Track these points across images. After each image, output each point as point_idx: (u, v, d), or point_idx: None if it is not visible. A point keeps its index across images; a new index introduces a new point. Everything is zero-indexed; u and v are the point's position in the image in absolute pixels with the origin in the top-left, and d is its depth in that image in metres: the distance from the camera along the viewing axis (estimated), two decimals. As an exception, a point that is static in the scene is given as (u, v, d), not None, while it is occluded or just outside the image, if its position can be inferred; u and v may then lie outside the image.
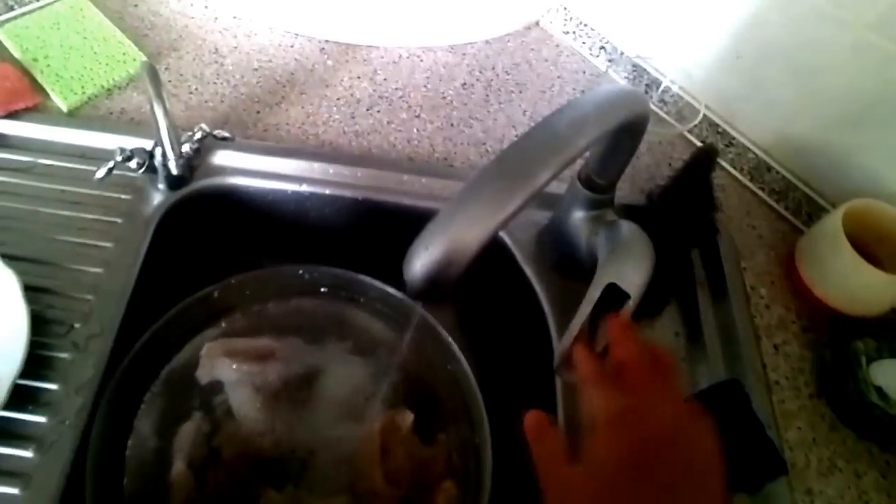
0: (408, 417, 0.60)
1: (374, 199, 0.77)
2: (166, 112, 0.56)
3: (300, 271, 0.71)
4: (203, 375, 0.63)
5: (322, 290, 0.72)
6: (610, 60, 0.94)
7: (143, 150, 0.69)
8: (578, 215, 0.67)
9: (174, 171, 0.59)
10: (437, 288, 0.44)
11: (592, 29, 0.95)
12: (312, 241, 0.81)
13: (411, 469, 0.58)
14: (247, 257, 0.79)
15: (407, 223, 0.77)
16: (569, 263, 0.69)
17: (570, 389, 0.63)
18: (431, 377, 0.67)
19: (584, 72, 0.94)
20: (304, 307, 0.71)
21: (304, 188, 0.75)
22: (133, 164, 0.68)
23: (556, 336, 0.68)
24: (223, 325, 0.69)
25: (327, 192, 0.76)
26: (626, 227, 0.61)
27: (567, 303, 0.68)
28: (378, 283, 0.71)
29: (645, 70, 0.87)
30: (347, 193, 0.76)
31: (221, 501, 0.57)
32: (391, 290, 0.70)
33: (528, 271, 0.73)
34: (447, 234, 0.44)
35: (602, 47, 0.94)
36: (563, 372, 0.56)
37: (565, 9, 0.97)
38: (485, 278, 0.79)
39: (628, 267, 0.57)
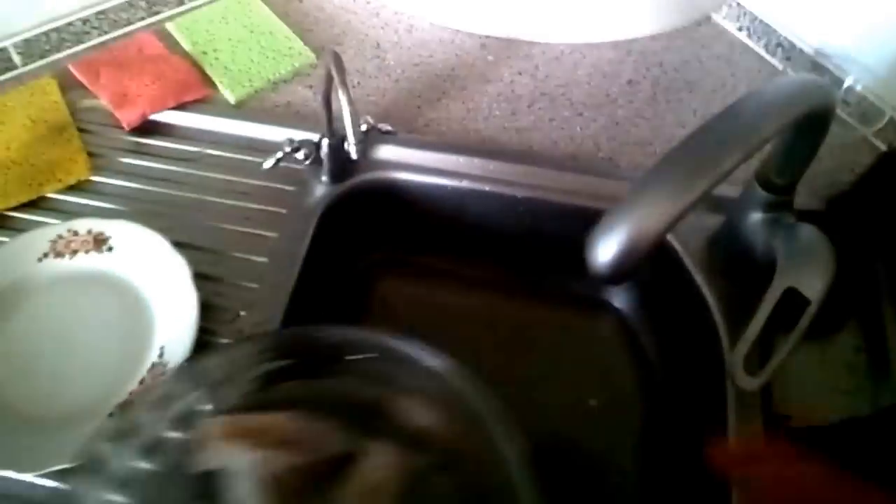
0: None
1: (536, 197, 0.72)
2: (350, 97, 0.54)
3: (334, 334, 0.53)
4: (201, 461, 0.47)
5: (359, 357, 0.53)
6: (787, 58, 0.85)
7: (311, 141, 0.67)
8: (755, 218, 0.62)
9: (354, 157, 0.56)
10: (619, 271, 0.43)
11: (769, 25, 0.86)
12: (472, 237, 0.77)
13: None
14: (406, 251, 0.78)
15: (569, 223, 0.72)
16: (742, 269, 0.65)
17: (743, 397, 0.58)
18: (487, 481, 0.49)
19: (760, 70, 0.85)
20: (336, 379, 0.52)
21: (465, 184, 0.72)
22: (300, 155, 0.66)
23: (727, 343, 0.63)
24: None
25: (487, 188, 0.72)
26: (807, 231, 0.59)
27: (738, 310, 0.63)
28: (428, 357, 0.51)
29: (826, 68, 0.79)
30: (508, 191, 0.72)
31: None
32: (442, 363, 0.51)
33: (699, 278, 0.67)
34: (632, 217, 0.43)
35: (779, 44, 0.85)
36: (738, 377, 0.53)
37: (738, 3, 0.89)
38: (654, 285, 0.73)
39: (809, 271, 0.55)
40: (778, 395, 0.60)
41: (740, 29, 0.89)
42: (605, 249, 0.43)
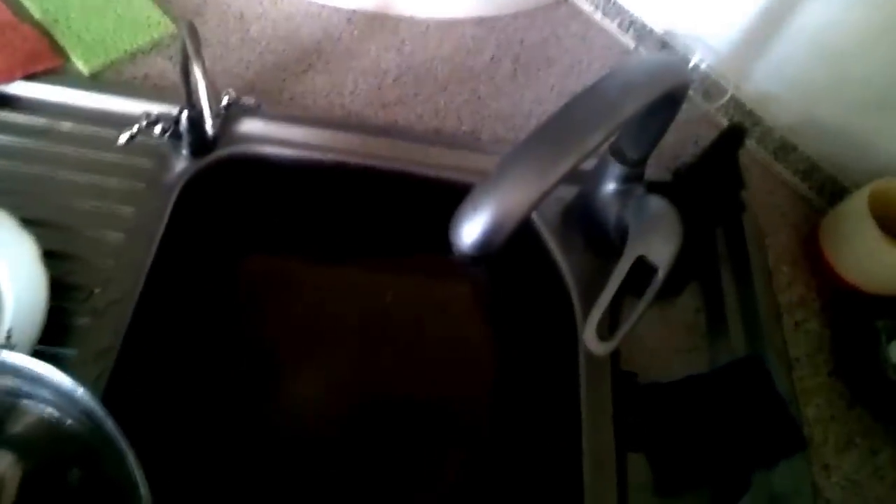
0: None
1: (401, 170, 0.73)
2: (205, 71, 0.53)
3: None
4: None
5: None
6: (638, 37, 0.90)
7: (169, 115, 0.65)
8: (608, 190, 0.65)
9: (210, 133, 0.55)
10: (483, 250, 0.44)
11: (621, 6, 0.90)
12: (336, 211, 0.78)
13: None
14: (270, 227, 0.77)
15: (433, 195, 0.74)
16: (596, 238, 0.68)
17: (593, 357, 0.62)
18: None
19: (613, 48, 0.90)
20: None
21: (330, 157, 0.72)
22: (157, 129, 0.64)
23: (579, 311, 0.66)
24: None
25: (353, 162, 0.73)
26: (656, 202, 0.61)
27: (591, 278, 0.67)
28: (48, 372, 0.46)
29: (673, 47, 0.83)
30: (373, 164, 0.73)
31: None
32: (62, 378, 0.46)
33: (553, 246, 0.70)
34: (496, 196, 0.43)
35: (631, 23, 0.90)
36: (590, 343, 0.56)
37: (594, -17, 0.92)
38: (510, 254, 0.76)
39: (658, 240, 0.58)
40: (625, 354, 0.64)
41: (595, 9, 0.93)
42: (470, 229, 0.44)
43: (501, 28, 0.88)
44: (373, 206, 0.77)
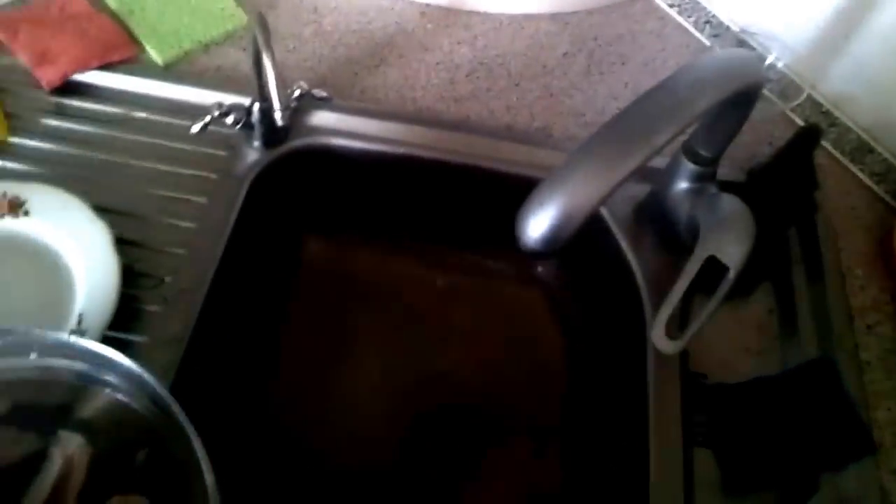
0: None
1: (471, 164, 0.72)
2: (274, 62, 0.52)
3: None
4: None
5: None
6: (715, 35, 0.87)
7: (241, 105, 0.65)
8: (680, 188, 0.64)
9: (279, 123, 0.54)
10: (549, 245, 0.43)
11: (698, 2, 0.87)
12: (406, 204, 0.77)
13: None
14: (339, 218, 0.77)
15: (503, 190, 0.72)
16: (667, 237, 0.67)
17: (662, 357, 0.60)
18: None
19: (689, 45, 0.86)
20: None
21: (401, 151, 0.71)
22: (230, 119, 0.64)
23: (649, 309, 0.64)
24: None
25: (423, 156, 0.71)
26: (728, 201, 0.61)
27: (661, 277, 0.65)
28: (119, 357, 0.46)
29: (750, 45, 0.80)
30: (444, 158, 0.71)
31: None
32: (131, 364, 0.46)
33: (624, 244, 0.68)
34: (563, 191, 0.43)
35: (707, 21, 0.87)
36: (659, 341, 0.55)
37: (674, -21, 0.89)
38: (580, 252, 0.74)
39: (729, 240, 0.57)
40: (694, 354, 0.62)
41: (672, 6, 0.90)
42: (536, 224, 0.43)
43: (576, 24, 0.86)
44: (442, 201, 0.75)
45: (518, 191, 0.70)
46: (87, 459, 0.43)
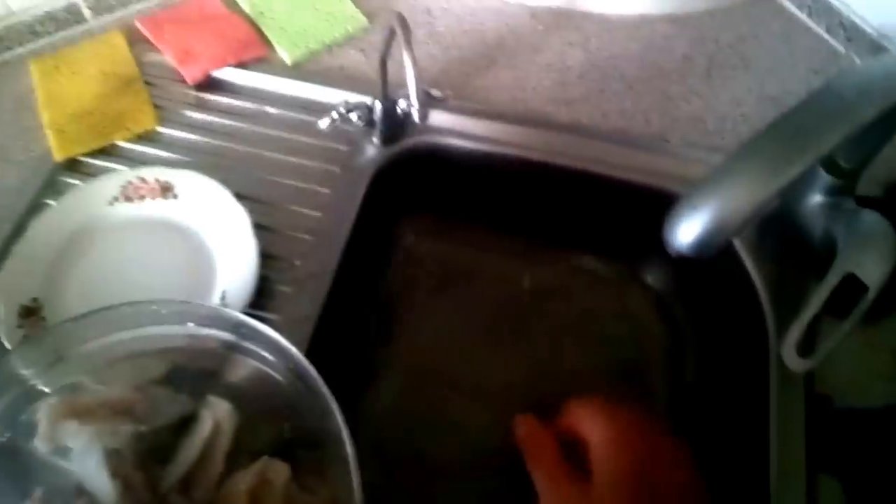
0: (282, 470, 0.48)
1: (582, 169, 0.74)
2: (414, 60, 0.57)
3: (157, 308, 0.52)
4: (43, 443, 0.47)
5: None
6: (849, 39, 0.85)
7: (365, 104, 0.70)
8: (815, 201, 0.63)
9: (416, 119, 0.59)
10: (701, 251, 0.43)
11: (831, 4, 0.86)
12: (517, 206, 0.81)
13: None
14: (448, 214, 0.82)
15: (615, 197, 0.75)
16: (794, 250, 0.66)
17: (786, 377, 0.60)
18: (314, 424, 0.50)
19: (819, 50, 0.86)
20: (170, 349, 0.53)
21: (512, 152, 0.74)
22: (354, 116, 0.69)
23: (772, 323, 0.64)
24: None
25: (535, 158, 0.74)
26: (870, 217, 0.58)
27: (786, 291, 0.65)
28: (265, 329, 0.51)
29: (888, 51, 0.79)
30: (556, 161, 0.74)
31: None
32: (276, 335, 0.51)
33: (744, 255, 0.68)
34: (720, 195, 0.42)
35: (841, 24, 0.85)
36: (789, 359, 0.54)
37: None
38: (692, 261, 0.75)
39: (870, 258, 0.55)
40: (820, 375, 0.61)
41: (801, 7, 0.89)
42: (688, 229, 0.43)
43: (694, 25, 0.87)
44: (553, 204, 0.79)
45: (632, 198, 0.74)
46: (234, 424, 0.49)
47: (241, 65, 0.78)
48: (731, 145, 0.74)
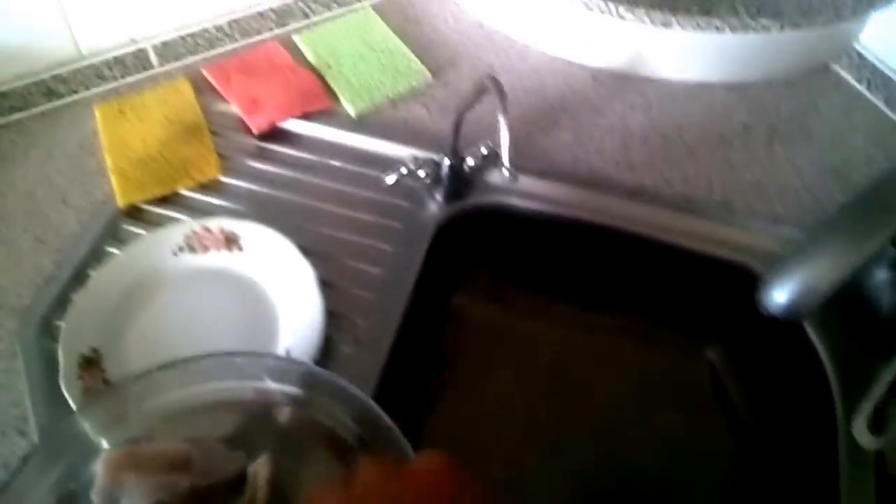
0: None
1: (648, 235, 0.76)
2: (508, 125, 0.60)
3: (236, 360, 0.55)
4: (99, 497, 0.49)
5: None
6: (911, 115, 0.88)
7: (432, 161, 0.73)
8: (882, 276, 0.66)
9: (508, 180, 0.62)
10: (792, 313, 0.49)
11: (891, 78, 0.89)
12: (576, 269, 0.83)
13: None
14: (507, 273, 0.84)
15: (680, 266, 0.76)
16: (863, 327, 0.68)
17: (856, 455, 0.61)
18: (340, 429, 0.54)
19: (881, 125, 0.88)
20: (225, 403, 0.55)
21: (576, 215, 0.77)
22: (422, 173, 0.72)
23: (839, 398, 0.65)
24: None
25: (598, 221, 0.77)
26: None
27: (853, 365, 0.66)
28: (338, 380, 0.53)
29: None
30: (620, 226, 0.76)
31: None
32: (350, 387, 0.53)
33: (810, 327, 0.70)
34: (809, 264, 0.48)
35: (901, 98, 0.88)
36: (860, 435, 0.57)
37: (860, 54, 0.92)
38: (762, 336, 0.76)
39: None
40: (890, 455, 0.62)
41: (860, 80, 0.92)
42: (781, 293, 0.50)
43: (754, 95, 0.90)
44: (615, 269, 0.81)
45: (695, 268, 0.75)
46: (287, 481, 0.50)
47: (306, 116, 0.81)
48: (794, 217, 0.77)
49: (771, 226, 0.75)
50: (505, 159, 0.61)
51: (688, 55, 0.89)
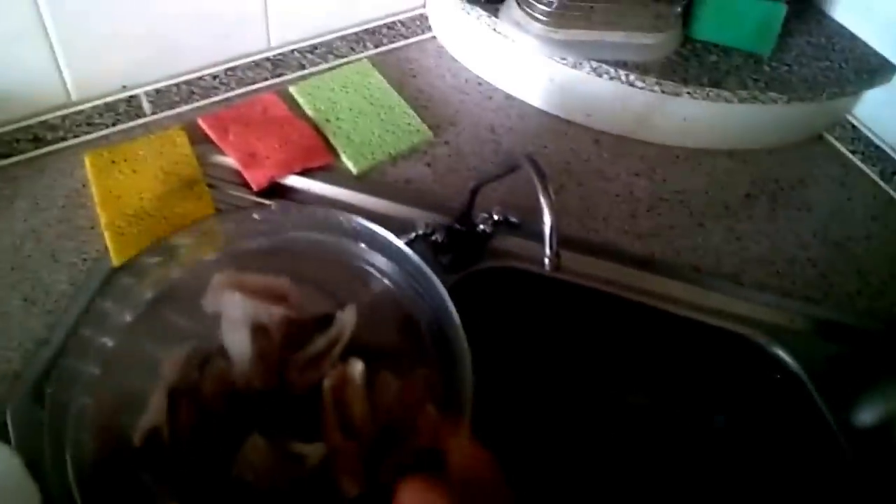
0: (357, 368, 0.60)
1: (659, 307, 0.83)
2: (552, 208, 0.65)
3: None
4: (209, 304, 0.65)
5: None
6: (906, 187, 0.98)
7: (444, 225, 0.78)
8: None
9: (547, 269, 0.66)
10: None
11: (884, 150, 1.00)
12: (586, 339, 0.89)
13: (380, 413, 0.60)
14: (511, 341, 0.89)
15: (689, 338, 0.83)
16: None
17: None
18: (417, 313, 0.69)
19: (877, 197, 0.99)
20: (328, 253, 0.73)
21: (585, 283, 0.83)
22: (437, 238, 0.78)
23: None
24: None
25: (609, 292, 0.83)
26: None
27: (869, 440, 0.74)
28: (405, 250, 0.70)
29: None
30: (633, 297, 0.83)
31: (199, 441, 0.59)
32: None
33: (820, 401, 0.78)
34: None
35: (894, 172, 0.99)
36: None
37: (853, 126, 1.03)
38: (774, 407, 0.84)
39: None
40: None
41: (854, 152, 1.03)
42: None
43: (755, 163, 0.99)
44: (626, 342, 0.87)
45: (706, 341, 0.82)
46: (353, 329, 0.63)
47: (306, 171, 0.86)
48: (801, 290, 0.85)
49: (780, 300, 0.84)
50: (547, 248, 0.65)
51: (687, 121, 0.97)
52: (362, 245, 0.73)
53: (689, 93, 0.91)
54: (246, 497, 0.56)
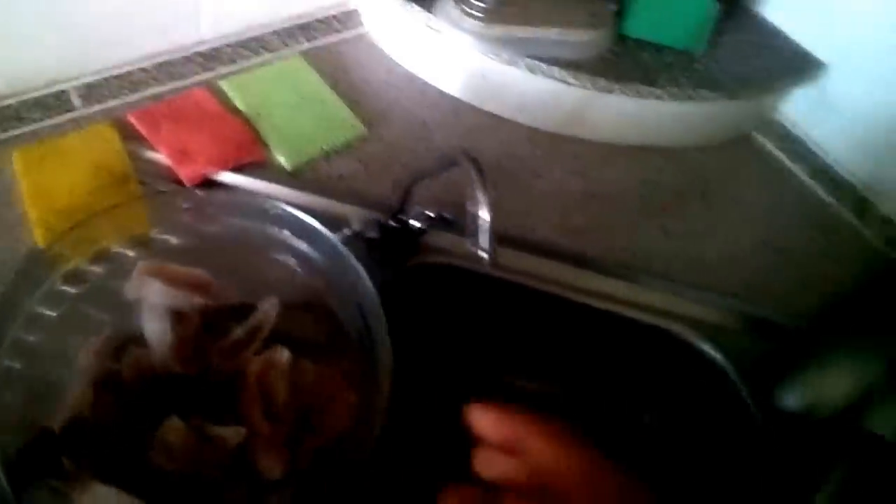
0: (283, 354, 0.65)
1: (591, 305, 0.88)
2: (490, 205, 0.69)
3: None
4: (130, 291, 0.67)
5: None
6: (835, 189, 1.05)
7: (378, 222, 0.82)
8: None
9: (487, 265, 0.69)
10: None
11: (810, 148, 1.07)
12: (517, 337, 0.93)
13: (300, 399, 0.65)
14: (441, 339, 0.93)
15: (621, 335, 0.89)
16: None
17: None
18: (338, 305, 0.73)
19: (806, 199, 1.06)
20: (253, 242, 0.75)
21: (517, 280, 0.87)
22: (370, 234, 0.81)
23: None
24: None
25: (543, 289, 0.87)
26: None
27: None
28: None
29: (873, 204, 1.00)
30: (566, 294, 0.88)
31: (119, 424, 0.61)
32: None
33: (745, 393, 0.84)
34: (814, 382, 0.69)
35: (823, 171, 1.06)
36: None
37: (782, 125, 1.10)
38: (701, 402, 0.89)
39: None
40: None
41: (782, 150, 1.10)
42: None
43: (686, 160, 1.05)
44: (558, 338, 0.91)
45: (638, 336, 0.88)
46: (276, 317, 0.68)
47: (238, 168, 0.88)
48: (733, 288, 0.91)
49: (711, 297, 0.90)
50: (484, 242, 0.69)
51: (624, 119, 1.03)
52: (287, 232, 0.75)
53: (621, 90, 0.96)
54: (166, 478, 0.59)
